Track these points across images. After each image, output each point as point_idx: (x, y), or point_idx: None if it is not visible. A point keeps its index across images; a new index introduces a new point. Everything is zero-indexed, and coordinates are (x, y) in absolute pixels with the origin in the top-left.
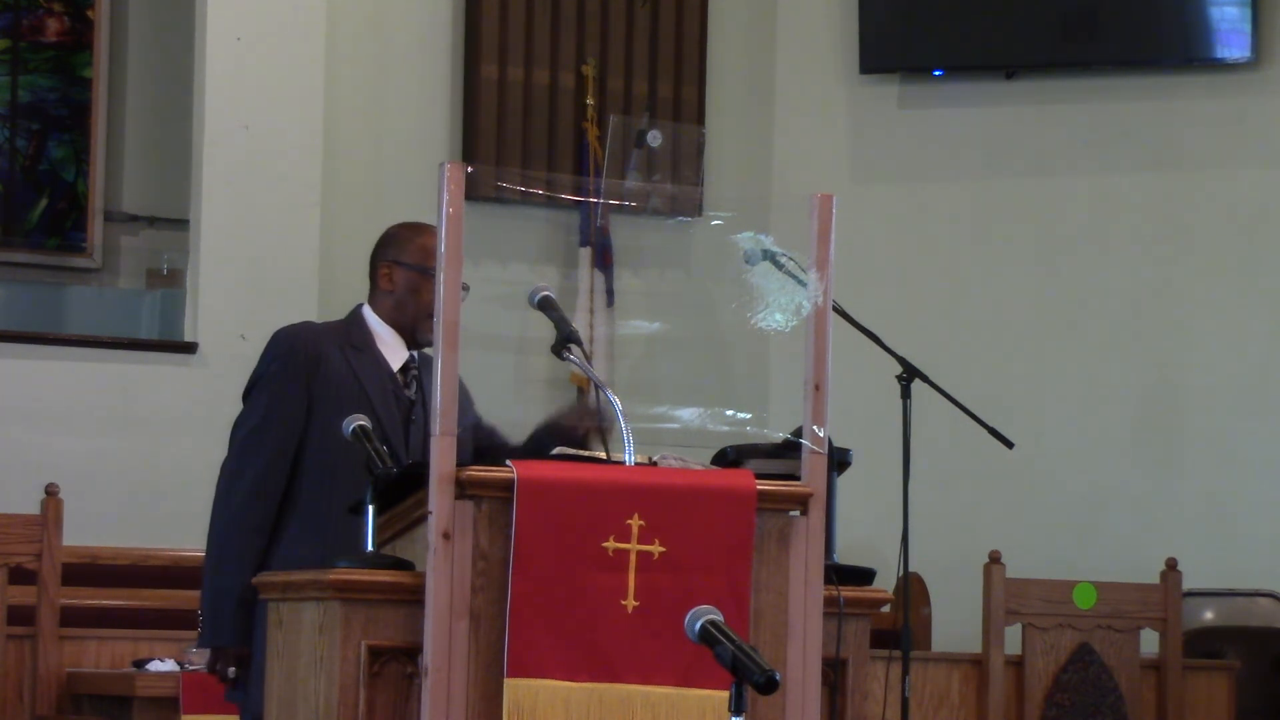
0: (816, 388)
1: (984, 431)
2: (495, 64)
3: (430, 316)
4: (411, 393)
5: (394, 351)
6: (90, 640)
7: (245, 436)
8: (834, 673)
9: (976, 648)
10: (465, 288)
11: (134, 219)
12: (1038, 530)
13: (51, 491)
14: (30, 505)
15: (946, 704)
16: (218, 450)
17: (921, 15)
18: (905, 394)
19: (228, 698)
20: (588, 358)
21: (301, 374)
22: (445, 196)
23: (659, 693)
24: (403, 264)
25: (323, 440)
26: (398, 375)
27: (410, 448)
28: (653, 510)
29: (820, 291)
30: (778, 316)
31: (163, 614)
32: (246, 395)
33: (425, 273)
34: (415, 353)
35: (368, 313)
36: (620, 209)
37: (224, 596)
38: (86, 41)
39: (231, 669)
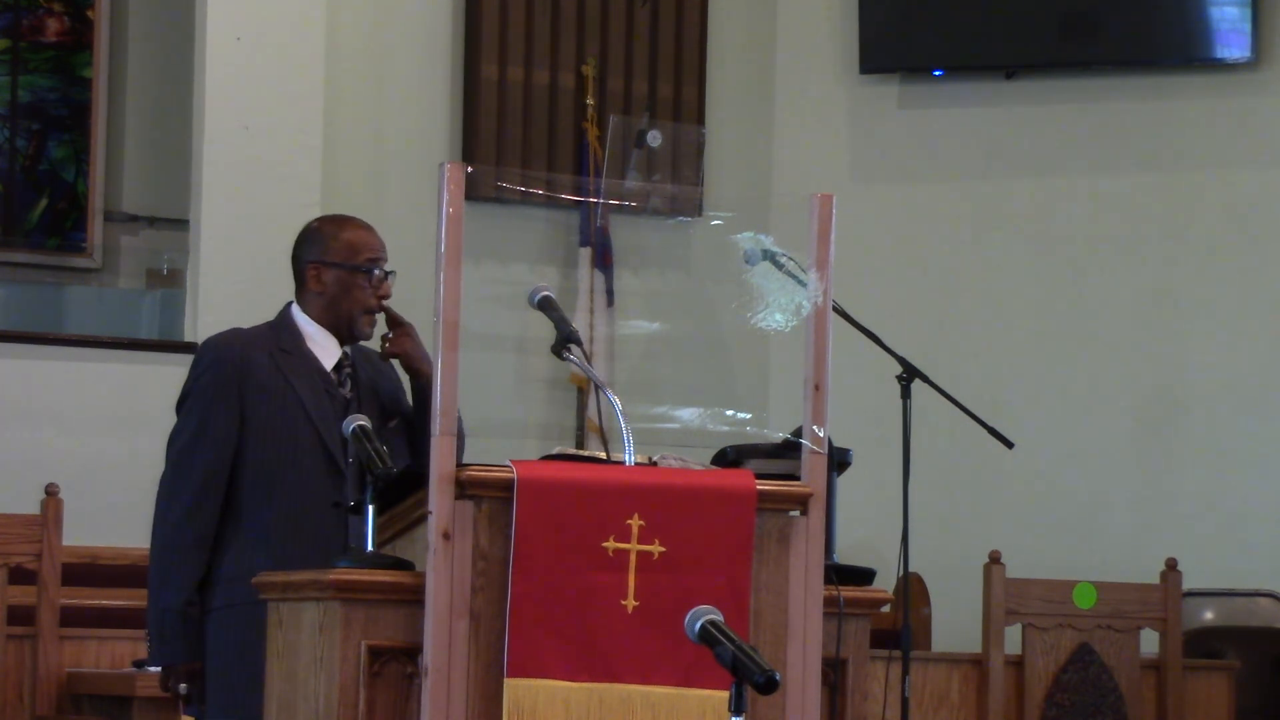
0: (816, 388)
1: (984, 431)
2: (495, 64)
3: (367, 311)
4: (346, 391)
5: (326, 351)
6: (90, 640)
7: (179, 452)
8: (834, 673)
9: (976, 648)
10: (392, 272)
11: (134, 219)
12: (1038, 530)
13: (51, 491)
14: (30, 505)
15: (946, 704)
16: None
17: (921, 15)
18: (905, 394)
19: (185, 713)
20: (588, 358)
21: (232, 384)
22: (445, 196)
23: (659, 693)
24: (329, 263)
25: (259, 448)
26: (331, 374)
27: (350, 448)
28: (653, 510)
29: (820, 291)
30: (778, 316)
31: None
32: (179, 408)
33: (354, 270)
34: (348, 349)
35: (297, 313)
36: (620, 209)
37: (168, 614)
38: (86, 41)
39: (183, 685)
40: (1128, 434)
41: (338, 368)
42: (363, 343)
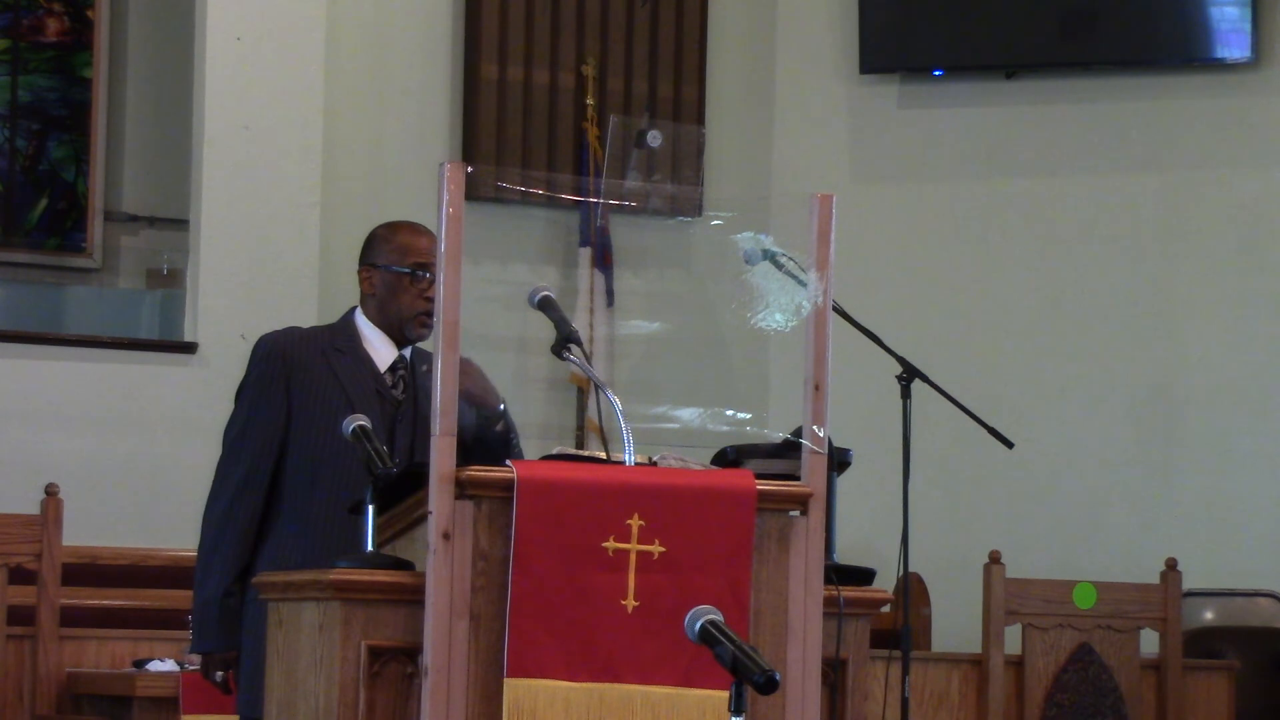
0: (816, 388)
1: (984, 431)
2: (495, 64)
3: (416, 315)
4: (399, 393)
5: (381, 353)
6: (90, 640)
7: (230, 443)
8: (834, 673)
9: (976, 648)
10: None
11: (134, 219)
12: (1038, 530)
13: (51, 491)
14: (30, 505)
15: (946, 704)
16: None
17: (921, 15)
18: (905, 394)
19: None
20: (588, 358)
21: (280, 380)
22: (445, 196)
23: (659, 693)
24: (379, 266)
25: (304, 443)
26: (384, 375)
27: (397, 448)
28: (653, 510)
29: (820, 291)
30: (778, 316)
31: (163, 614)
32: (235, 400)
33: (399, 272)
34: (406, 352)
35: (358, 315)
36: (620, 209)
37: (208, 602)
38: (86, 41)
39: (219, 673)
40: (1127, 434)
41: (392, 370)
42: (423, 346)
